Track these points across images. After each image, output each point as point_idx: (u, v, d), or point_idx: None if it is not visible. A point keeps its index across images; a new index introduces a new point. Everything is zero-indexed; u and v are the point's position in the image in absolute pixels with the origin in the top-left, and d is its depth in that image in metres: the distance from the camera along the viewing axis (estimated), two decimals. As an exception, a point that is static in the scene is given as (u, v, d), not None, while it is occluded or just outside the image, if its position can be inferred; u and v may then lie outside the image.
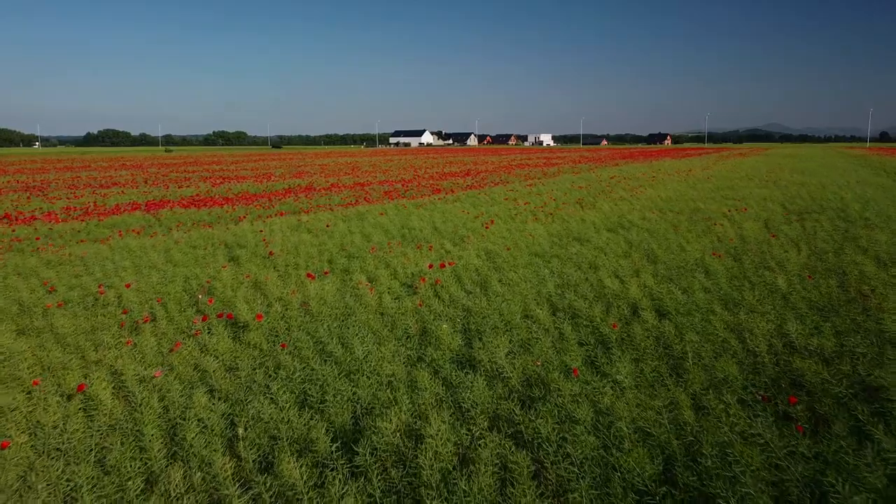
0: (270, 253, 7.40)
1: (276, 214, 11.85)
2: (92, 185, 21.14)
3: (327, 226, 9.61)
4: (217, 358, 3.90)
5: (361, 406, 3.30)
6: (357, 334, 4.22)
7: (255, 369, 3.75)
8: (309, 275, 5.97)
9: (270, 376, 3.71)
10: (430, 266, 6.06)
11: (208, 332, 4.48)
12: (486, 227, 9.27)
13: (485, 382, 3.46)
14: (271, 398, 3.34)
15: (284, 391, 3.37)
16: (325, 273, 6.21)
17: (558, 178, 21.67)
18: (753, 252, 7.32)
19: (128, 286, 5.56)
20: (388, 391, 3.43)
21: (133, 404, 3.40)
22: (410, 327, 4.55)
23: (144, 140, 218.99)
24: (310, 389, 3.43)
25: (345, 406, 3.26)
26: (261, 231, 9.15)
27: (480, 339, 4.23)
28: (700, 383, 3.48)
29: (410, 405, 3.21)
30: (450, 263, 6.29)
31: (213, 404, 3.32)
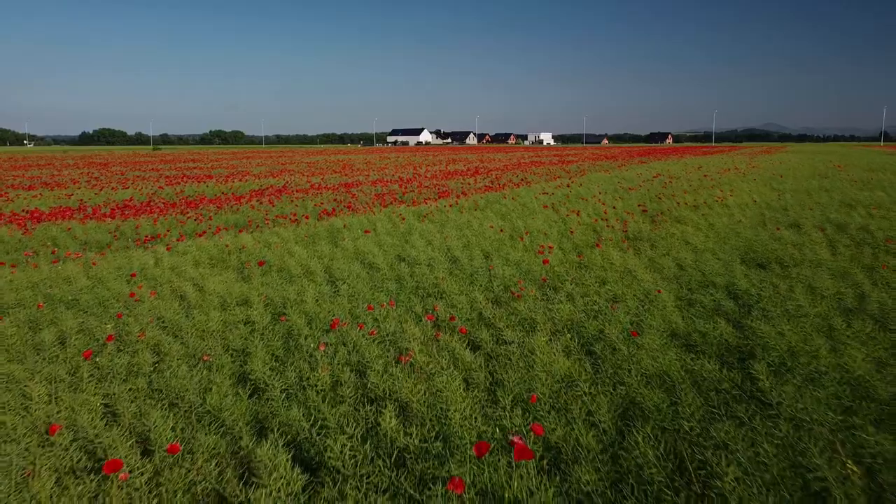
0: (86, 354, 3.42)
1: (205, 232, 7.92)
2: (16, 186, 17.14)
3: (260, 264, 5.64)
4: None
5: None
6: None
7: None
8: (107, 468, 2.01)
9: None
10: (480, 452, 1.99)
11: None
12: (545, 262, 5.35)
13: None
14: None
15: None
16: (173, 450, 2.23)
17: (588, 178, 17.76)
18: None
19: None
20: None
21: None
22: None
23: (140, 139, 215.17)
24: None
25: None
26: (131, 276, 5.12)
27: None
28: None
29: None
30: (535, 431, 2.23)
31: None
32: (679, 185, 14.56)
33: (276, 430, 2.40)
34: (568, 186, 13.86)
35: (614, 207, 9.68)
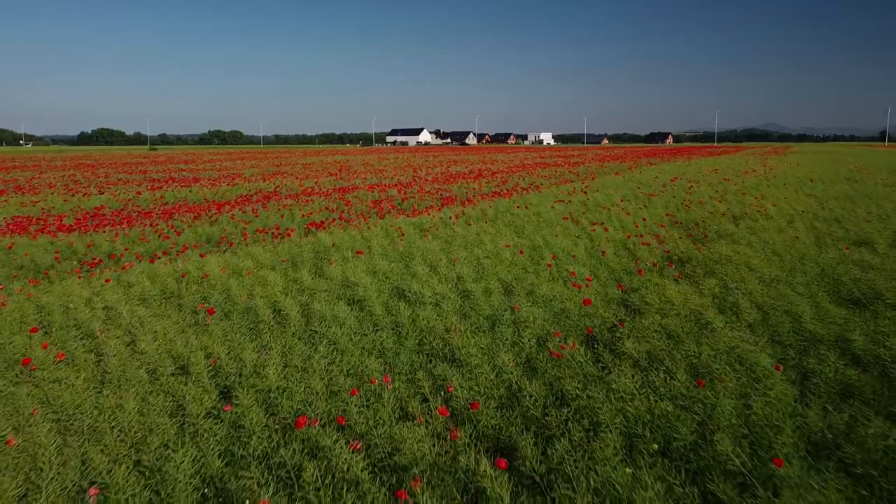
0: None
1: (166, 252, 6.73)
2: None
3: (210, 311, 4.45)
4: None
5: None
6: None
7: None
8: None
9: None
10: None
11: None
12: (585, 302, 4.17)
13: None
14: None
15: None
16: None
17: (601, 182, 16.56)
18: None
19: None
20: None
21: None
22: None
23: (138, 139, 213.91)
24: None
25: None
26: (31, 331, 3.90)
27: None
28: None
29: None
30: None
31: None
32: (702, 190, 13.38)
33: None
34: (583, 192, 12.67)
35: (644, 219, 8.49)
